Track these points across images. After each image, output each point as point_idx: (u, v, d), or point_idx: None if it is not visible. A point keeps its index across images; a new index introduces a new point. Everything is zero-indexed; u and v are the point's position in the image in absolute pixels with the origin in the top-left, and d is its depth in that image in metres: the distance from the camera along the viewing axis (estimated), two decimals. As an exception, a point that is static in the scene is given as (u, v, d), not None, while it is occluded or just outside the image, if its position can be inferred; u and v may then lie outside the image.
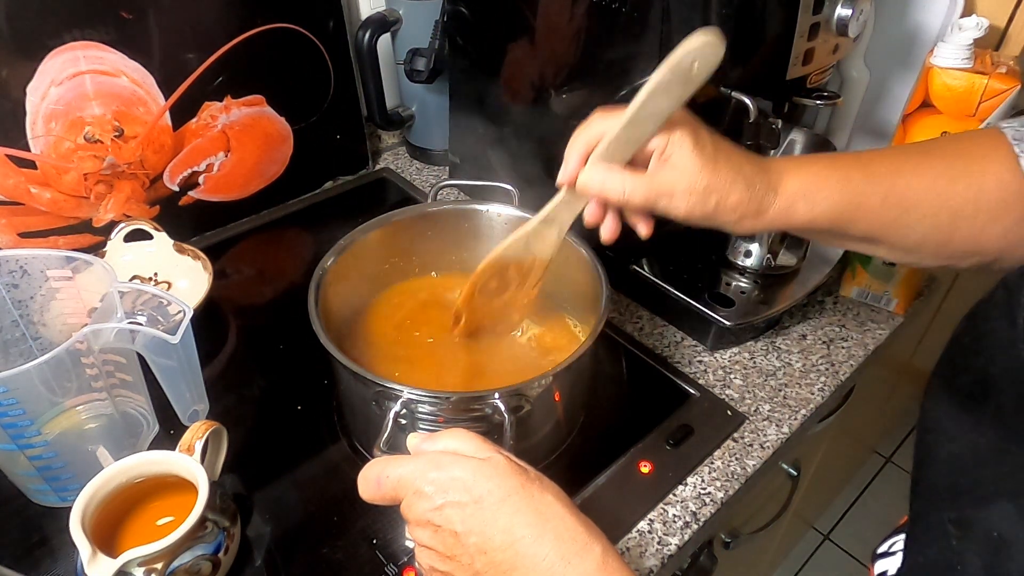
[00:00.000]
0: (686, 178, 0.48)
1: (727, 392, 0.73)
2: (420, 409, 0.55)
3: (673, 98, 0.46)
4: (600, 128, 0.50)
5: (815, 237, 0.52)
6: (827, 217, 0.50)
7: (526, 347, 0.70)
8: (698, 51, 0.43)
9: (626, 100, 0.48)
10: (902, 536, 0.42)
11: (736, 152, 0.50)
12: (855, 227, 0.50)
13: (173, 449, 0.54)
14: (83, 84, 0.76)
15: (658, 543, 0.60)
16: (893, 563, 0.43)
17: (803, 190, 0.49)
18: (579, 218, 0.56)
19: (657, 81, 0.44)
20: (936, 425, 0.39)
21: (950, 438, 0.38)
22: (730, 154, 0.49)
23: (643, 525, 0.61)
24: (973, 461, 0.36)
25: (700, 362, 0.76)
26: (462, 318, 0.66)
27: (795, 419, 0.71)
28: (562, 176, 0.52)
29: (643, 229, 0.54)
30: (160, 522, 0.55)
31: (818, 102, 0.71)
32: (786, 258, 0.79)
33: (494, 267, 0.61)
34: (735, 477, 0.65)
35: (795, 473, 0.89)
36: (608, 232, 0.54)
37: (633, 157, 0.50)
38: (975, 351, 0.38)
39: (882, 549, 0.45)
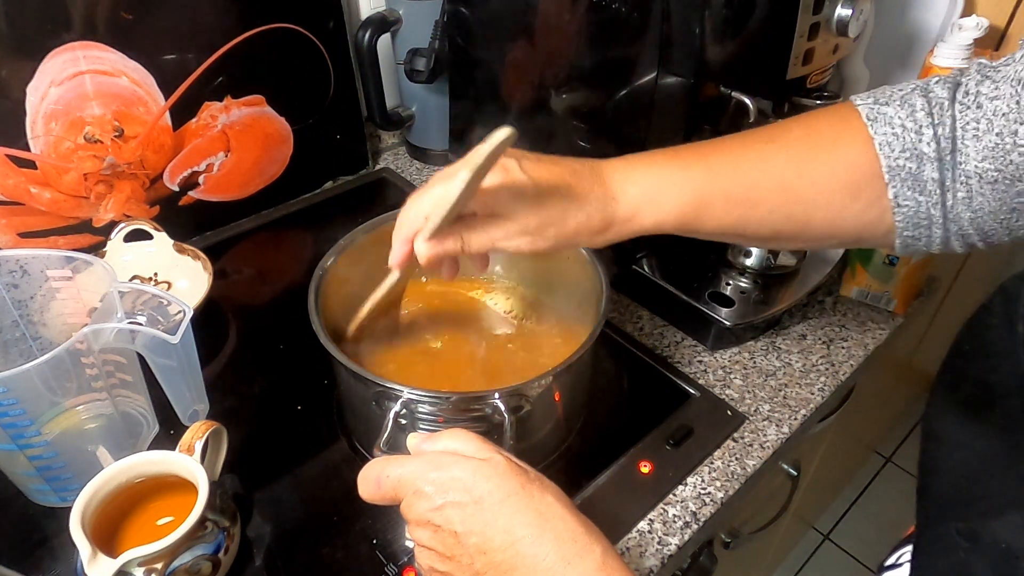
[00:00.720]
0: (516, 224, 0.49)
1: (727, 392, 0.73)
2: (420, 409, 0.55)
3: (483, 177, 0.48)
4: (418, 211, 0.50)
5: (671, 233, 0.52)
6: (674, 220, 0.50)
7: (526, 347, 0.70)
8: (498, 149, 0.46)
9: (627, 100, 0.48)
10: (909, 548, 0.42)
11: (566, 174, 0.49)
12: (704, 226, 0.50)
13: (173, 449, 0.54)
14: (83, 84, 0.76)
15: (658, 543, 0.60)
16: (901, 575, 0.43)
17: (646, 195, 0.49)
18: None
19: (467, 180, 0.46)
20: (941, 434, 0.39)
21: (956, 447, 0.38)
22: (556, 182, 0.49)
23: (643, 525, 0.61)
24: (980, 471, 0.36)
25: (700, 362, 0.76)
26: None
27: (795, 419, 0.71)
28: (393, 260, 0.53)
29: (481, 267, 0.57)
30: (160, 522, 0.55)
31: (818, 102, 0.71)
32: (786, 258, 0.79)
33: (362, 324, 0.64)
34: (735, 477, 0.65)
35: (795, 473, 0.89)
36: (448, 275, 0.56)
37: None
38: (976, 359, 0.38)
39: (889, 561, 0.44)
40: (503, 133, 0.45)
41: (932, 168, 0.45)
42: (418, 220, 0.50)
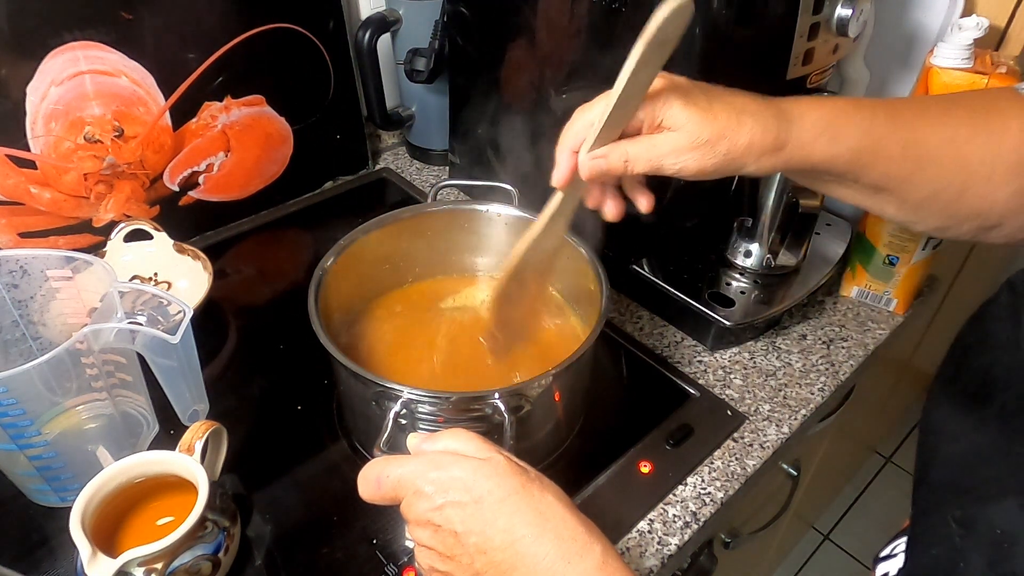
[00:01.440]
0: (686, 135, 0.46)
1: (727, 392, 0.73)
2: (420, 409, 0.55)
3: (653, 68, 0.45)
4: (584, 121, 0.48)
5: (823, 182, 0.50)
6: (847, 157, 0.47)
7: (526, 347, 0.70)
8: (671, 20, 0.42)
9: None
10: (904, 539, 0.42)
11: (737, 95, 0.47)
12: (870, 172, 0.48)
13: (173, 449, 0.54)
14: (83, 84, 0.76)
15: (658, 543, 0.60)
16: (895, 565, 0.43)
17: (826, 124, 0.47)
18: (580, 217, 0.56)
19: (638, 58, 0.43)
20: (939, 425, 0.39)
21: (953, 438, 0.38)
22: (729, 99, 0.47)
23: (643, 525, 0.61)
24: (977, 460, 0.36)
25: (700, 362, 0.76)
26: (494, 333, 0.64)
27: (795, 419, 0.71)
28: (556, 178, 0.51)
29: (644, 203, 0.52)
30: (160, 522, 0.55)
31: (818, 102, 0.70)
32: (786, 258, 0.79)
33: (514, 273, 0.59)
34: (735, 477, 0.65)
35: (795, 473, 0.89)
36: (612, 212, 0.53)
37: (623, 133, 0.48)
38: (979, 352, 0.38)
39: (884, 552, 0.44)
40: (676, 2, 0.41)
41: None
42: (584, 130, 0.48)
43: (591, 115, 0.48)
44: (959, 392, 0.39)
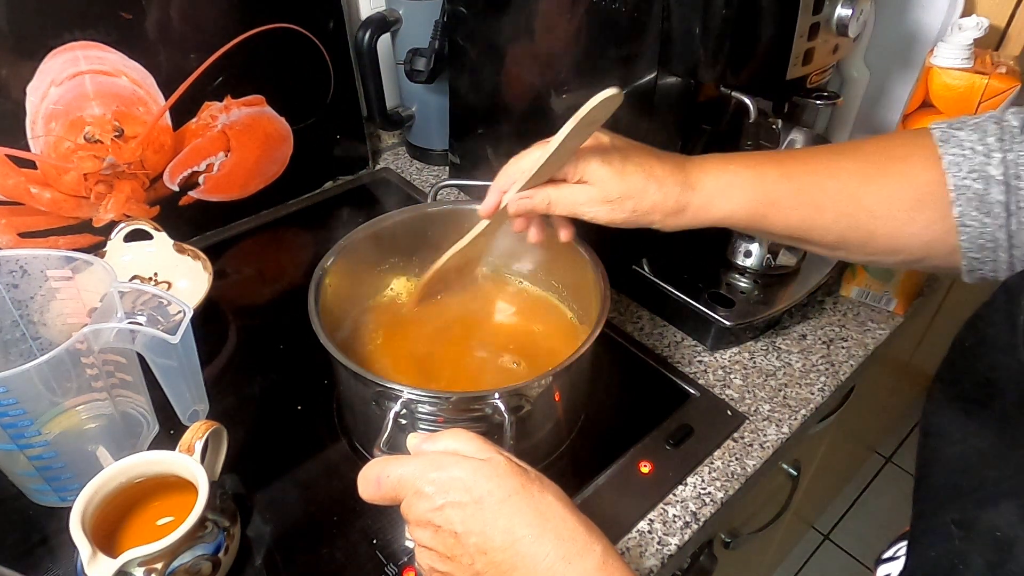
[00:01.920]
0: (599, 191, 0.53)
1: (727, 392, 0.73)
2: (420, 409, 0.55)
3: (582, 138, 0.53)
4: (517, 167, 0.56)
5: (743, 231, 0.57)
6: (744, 213, 0.53)
7: (526, 347, 0.70)
8: (601, 107, 0.49)
9: (627, 100, 0.49)
10: (907, 542, 0.42)
11: (648, 157, 0.54)
12: (772, 224, 0.53)
13: (173, 449, 0.54)
14: (83, 84, 0.76)
15: (658, 543, 0.60)
16: (896, 567, 0.43)
17: (719, 187, 0.53)
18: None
19: (568, 132, 0.50)
20: (939, 428, 0.39)
21: (953, 441, 0.38)
22: (640, 161, 0.53)
23: (643, 525, 0.61)
24: (977, 463, 0.36)
25: (700, 362, 0.76)
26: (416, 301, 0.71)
27: (795, 419, 0.71)
28: (483, 209, 0.59)
29: (563, 233, 0.60)
30: (160, 522, 0.55)
31: (818, 102, 0.71)
32: (786, 258, 0.79)
33: (435, 278, 0.68)
34: (735, 477, 0.65)
35: (795, 473, 0.89)
36: (535, 237, 0.61)
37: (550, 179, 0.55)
38: (977, 355, 0.38)
39: (887, 554, 0.45)
40: (608, 92, 0.48)
41: (999, 191, 0.46)
42: (516, 174, 0.56)
43: (523, 164, 0.55)
44: (958, 395, 0.39)
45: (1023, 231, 0.46)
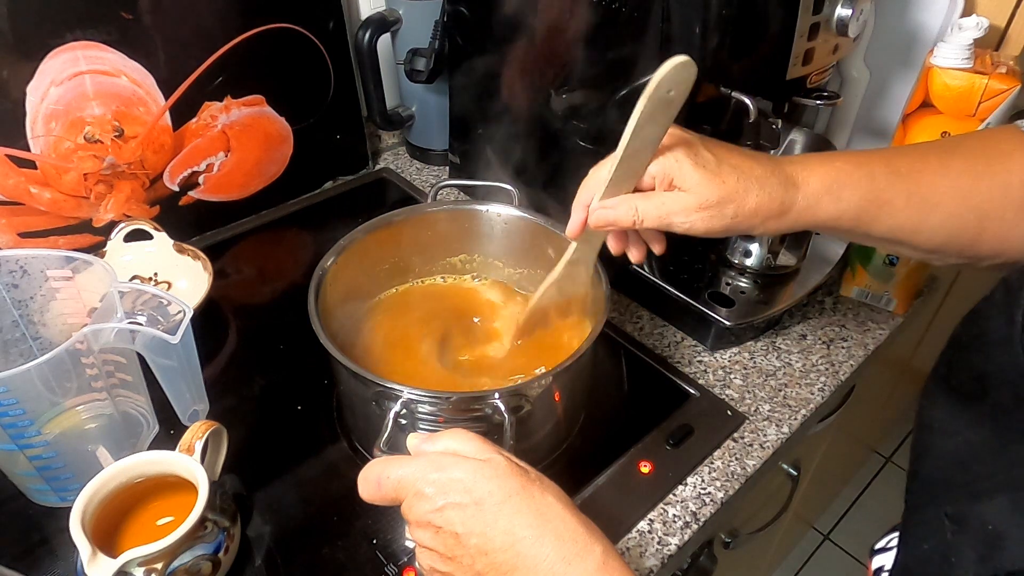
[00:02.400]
0: (695, 197, 0.48)
1: (727, 392, 0.73)
2: (420, 409, 0.55)
3: (659, 125, 0.47)
4: (597, 177, 0.50)
5: (838, 235, 0.52)
6: (852, 214, 0.49)
7: (526, 346, 0.70)
8: (672, 77, 0.44)
9: (626, 100, 0.49)
10: (898, 533, 0.42)
11: (744, 158, 0.49)
12: (878, 225, 0.49)
13: (173, 449, 0.54)
14: (83, 84, 0.76)
15: (658, 543, 0.60)
16: (890, 558, 0.43)
17: (828, 186, 0.49)
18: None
19: (640, 113, 0.45)
20: (933, 422, 0.40)
21: (947, 434, 0.38)
22: (736, 162, 0.49)
23: (643, 525, 0.61)
24: (970, 457, 0.36)
25: (700, 362, 0.76)
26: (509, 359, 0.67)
27: (795, 419, 0.71)
28: (569, 229, 0.54)
29: (657, 247, 0.55)
30: (160, 522, 0.55)
31: (818, 102, 0.71)
32: (786, 258, 0.79)
33: (534, 317, 0.64)
34: (735, 477, 0.65)
35: (795, 473, 0.89)
36: (635, 256, 0.56)
37: (636, 188, 0.50)
38: (973, 349, 0.38)
39: (880, 545, 0.45)
40: (677, 59, 0.43)
41: None
42: (596, 185, 0.50)
43: (603, 172, 0.50)
44: (953, 389, 0.39)
45: None
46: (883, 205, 0.49)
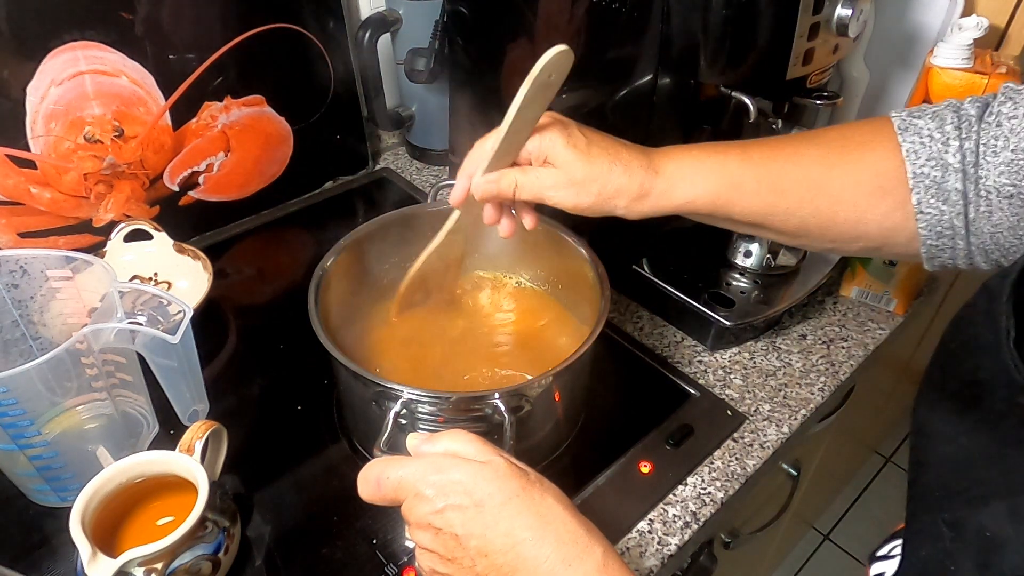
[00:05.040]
0: (564, 173, 0.52)
1: (727, 392, 0.73)
2: (420, 409, 0.55)
3: (539, 106, 0.51)
4: (481, 150, 0.55)
5: (703, 219, 0.56)
6: (707, 198, 0.53)
7: (527, 347, 0.70)
8: (553, 63, 0.48)
9: (627, 100, 0.49)
10: (900, 541, 0.42)
11: (612, 143, 0.53)
12: (735, 210, 0.53)
13: (173, 449, 0.54)
14: (83, 84, 0.76)
15: (658, 543, 0.60)
16: (891, 566, 0.43)
17: (683, 172, 0.53)
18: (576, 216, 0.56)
19: (524, 94, 0.49)
20: (929, 429, 0.40)
21: (944, 441, 0.38)
22: (605, 145, 0.53)
23: (643, 525, 0.61)
24: (967, 464, 0.36)
25: (700, 362, 0.76)
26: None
27: (795, 419, 0.71)
28: (453, 197, 0.57)
29: (528, 220, 0.59)
30: (160, 522, 0.55)
31: (818, 102, 0.71)
32: (786, 258, 0.79)
33: (414, 283, 0.66)
34: (735, 477, 0.65)
35: (795, 473, 0.89)
36: (506, 229, 0.59)
37: (513, 163, 0.55)
38: (962, 356, 0.38)
39: (881, 552, 0.45)
40: (557, 48, 0.47)
41: (956, 179, 0.46)
42: (480, 158, 0.54)
43: (487, 146, 0.54)
44: (947, 396, 0.39)
45: (981, 219, 0.46)
46: (734, 190, 0.52)
